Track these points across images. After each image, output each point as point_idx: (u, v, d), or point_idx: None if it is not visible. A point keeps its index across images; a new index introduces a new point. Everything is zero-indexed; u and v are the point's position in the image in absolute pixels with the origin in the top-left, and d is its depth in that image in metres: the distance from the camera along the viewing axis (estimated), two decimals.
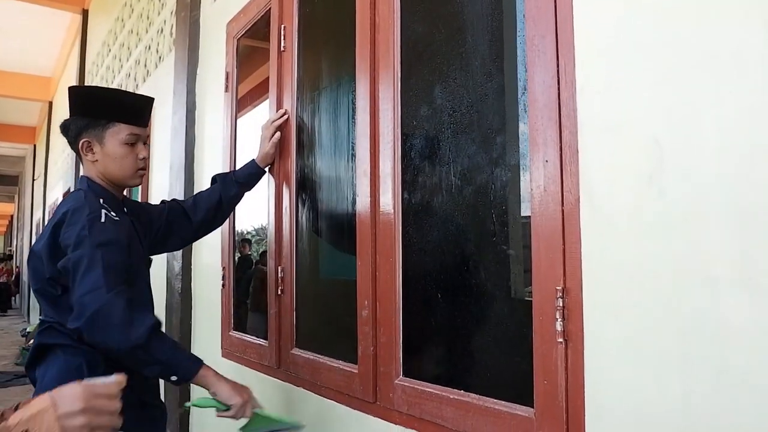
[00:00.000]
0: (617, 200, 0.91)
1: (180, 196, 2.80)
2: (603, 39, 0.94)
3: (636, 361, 0.87)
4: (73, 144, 1.54)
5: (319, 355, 1.69)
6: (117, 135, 1.51)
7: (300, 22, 1.93)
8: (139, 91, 4.02)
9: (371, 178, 1.45)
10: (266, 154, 1.89)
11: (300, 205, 1.88)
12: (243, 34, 2.35)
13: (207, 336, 2.60)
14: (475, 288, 1.20)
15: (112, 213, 1.42)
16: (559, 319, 0.97)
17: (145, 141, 1.59)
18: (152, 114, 3.67)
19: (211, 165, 2.61)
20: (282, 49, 1.97)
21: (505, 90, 1.17)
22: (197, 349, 2.71)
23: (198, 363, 1.38)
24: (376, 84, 1.47)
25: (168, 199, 2.36)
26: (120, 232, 1.41)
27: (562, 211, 0.98)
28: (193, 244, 2.76)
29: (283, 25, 1.97)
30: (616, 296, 0.90)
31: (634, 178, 0.88)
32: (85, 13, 6.82)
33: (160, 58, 3.64)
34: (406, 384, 1.32)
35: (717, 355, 0.78)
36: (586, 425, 0.93)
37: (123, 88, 4.60)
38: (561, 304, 0.97)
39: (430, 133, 1.34)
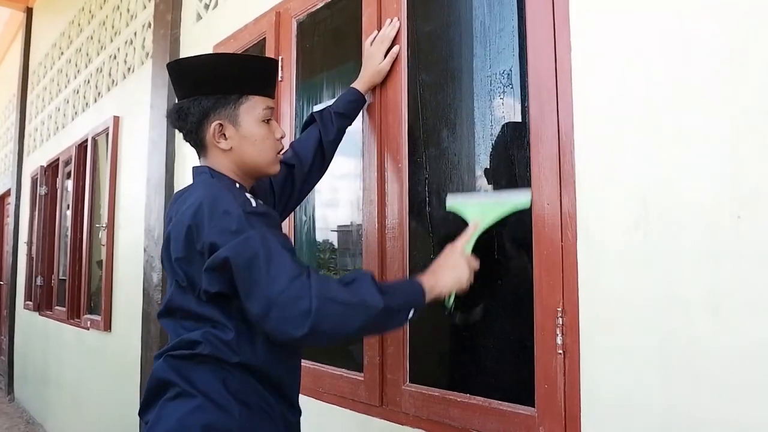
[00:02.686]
0: (609, 239, 1.13)
1: (160, 210, 2.89)
2: (600, 105, 1.16)
3: (624, 368, 1.10)
4: (196, 131, 1.26)
5: (319, 364, 1.85)
6: (252, 111, 1.25)
7: (298, 54, 2.08)
8: (106, 99, 4.03)
9: (378, 206, 1.63)
10: (378, 72, 1.60)
11: (305, 217, 2.04)
12: None
13: None
14: (480, 306, 1.41)
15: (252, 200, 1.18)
16: (559, 335, 1.19)
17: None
18: (120, 125, 3.72)
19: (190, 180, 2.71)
20: (279, 79, 2.11)
21: (509, 138, 1.38)
22: None
23: (417, 284, 1.16)
24: (383, 119, 1.65)
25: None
26: (274, 214, 1.21)
27: (561, 246, 1.20)
28: None
29: (280, 56, 2.12)
30: (608, 316, 1.13)
31: (624, 222, 1.11)
32: (29, 11, 6.61)
33: (129, 69, 3.67)
34: (413, 389, 1.51)
35: (689, 363, 1.01)
36: (581, 420, 1.15)
37: (81, 94, 4.57)
38: (560, 322, 1.19)
39: (437, 171, 1.53)
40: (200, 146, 1.29)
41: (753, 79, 0.95)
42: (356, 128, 1.73)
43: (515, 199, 1.26)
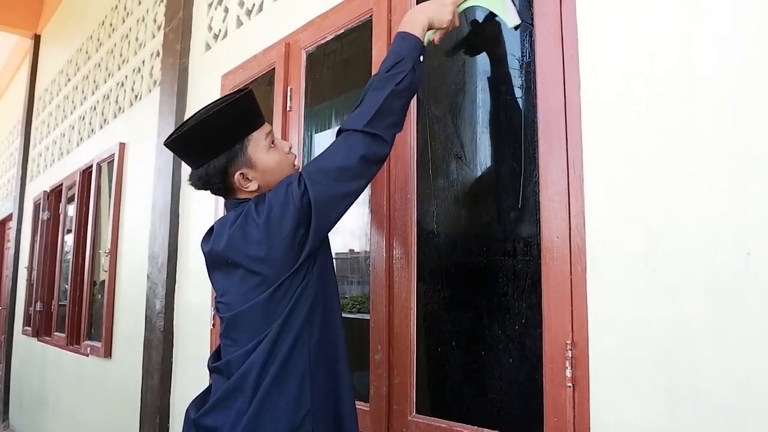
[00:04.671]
0: (617, 272, 1.14)
1: (164, 236, 2.90)
2: (608, 141, 1.18)
3: (631, 399, 1.10)
4: (223, 187, 1.35)
5: None
6: (258, 146, 1.33)
7: (307, 84, 2.12)
8: (112, 126, 4.06)
9: (386, 236, 1.64)
10: None
11: None
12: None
13: (190, 374, 2.69)
14: (488, 339, 1.41)
15: None
16: (568, 368, 1.19)
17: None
18: (126, 151, 3.75)
19: (198, 207, 2.73)
20: (288, 109, 2.15)
21: (519, 171, 1.40)
22: (178, 386, 2.78)
23: (409, 38, 1.34)
24: (392, 150, 1.67)
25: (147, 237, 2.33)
26: None
27: (571, 279, 1.21)
28: (177, 282, 2.86)
29: (289, 87, 2.15)
30: (616, 348, 1.13)
31: (632, 256, 1.12)
32: (36, 38, 6.71)
33: (136, 96, 3.72)
34: (419, 420, 1.50)
35: (695, 395, 1.02)
36: None
37: (87, 120, 4.61)
38: (570, 355, 1.19)
39: (445, 201, 1.55)
40: (230, 193, 1.38)
41: (758, 115, 0.98)
42: None
43: (511, 15, 1.37)
